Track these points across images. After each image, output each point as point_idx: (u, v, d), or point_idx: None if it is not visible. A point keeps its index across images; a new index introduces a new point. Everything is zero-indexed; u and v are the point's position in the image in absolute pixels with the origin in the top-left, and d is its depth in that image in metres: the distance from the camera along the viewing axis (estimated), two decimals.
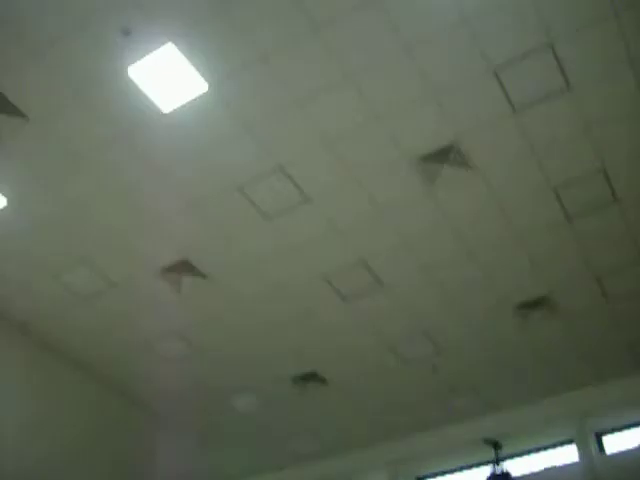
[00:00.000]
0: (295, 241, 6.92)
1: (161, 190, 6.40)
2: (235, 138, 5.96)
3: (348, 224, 6.74)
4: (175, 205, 6.56)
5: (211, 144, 6.02)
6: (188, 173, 6.26)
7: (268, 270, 7.23)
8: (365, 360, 8.40)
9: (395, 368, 8.49)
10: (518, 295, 7.46)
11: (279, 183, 6.32)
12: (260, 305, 7.65)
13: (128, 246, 7.00)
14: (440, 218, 6.64)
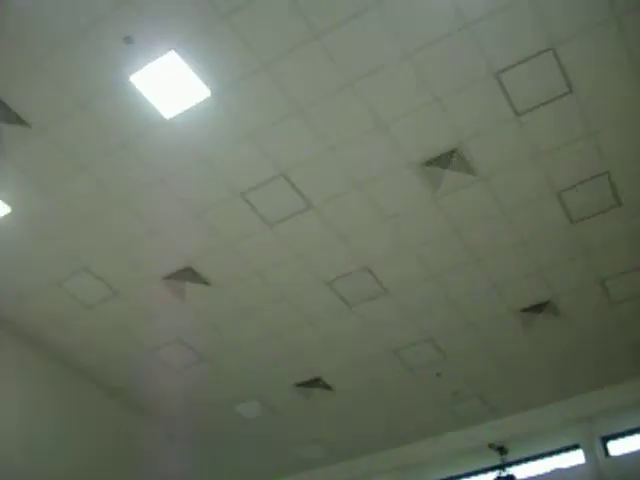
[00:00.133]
0: (298, 247, 6.91)
1: (163, 197, 6.40)
2: (237, 145, 5.96)
3: (351, 230, 6.73)
4: (178, 212, 6.56)
5: (213, 151, 6.02)
6: (190, 180, 6.26)
7: (271, 276, 7.22)
8: (369, 366, 8.37)
9: (400, 373, 8.46)
10: (522, 299, 7.43)
11: (281, 189, 6.31)
12: (263, 311, 7.63)
13: (130, 253, 6.99)
14: (443, 223, 6.63)
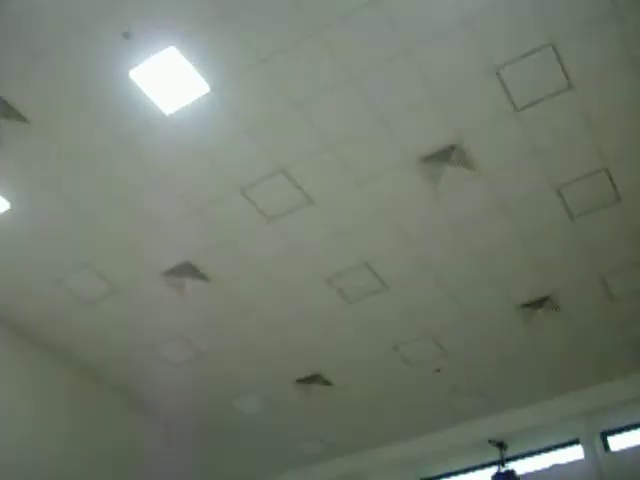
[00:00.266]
0: (297, 243, 6.91)
1: (163, 192, 6.40)
2: (237, 140, 5.95)
3: (350, 225, 6.73)
4: (177, 207, 6.55)
5: (213, 146, 6.02)
6: (190, 175, 6.25)
7: (270, 272, 7.23)
8: (369, 361, 8.38)
9: (400, 369, 8.47)
10: (522, 295, 7.44)
11: (281, 185, 6.31)
12: (262, 307, 7.64)
13: (130, 249, 7.00)
14: (443, 218, 6.63)
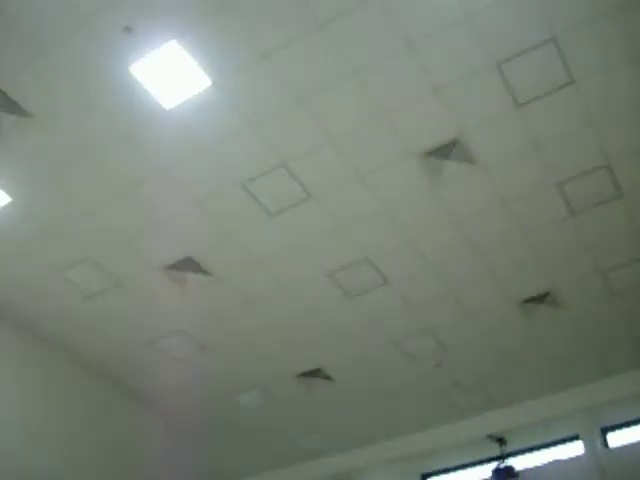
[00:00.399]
0: (298, 238, 6.92)
1: (164, 187, 6.40)
2: (238, 134, 5.95)
3: (351, 220, 6.74)
4: (178, 202, 6.56)
5: (214, 140, 6.02)
6: (191, 170, 6.26)
7: (272, 267, 7.23)
8: (370, 357, 8.39)
9: (400, 364, 8.48)
10: (522, 291, 7.44)
11: (282, 180, 6.31)
12: (264, 302, 7.64)
13: (131, 244, 7.00)
14: (443, 214, 6.63)
